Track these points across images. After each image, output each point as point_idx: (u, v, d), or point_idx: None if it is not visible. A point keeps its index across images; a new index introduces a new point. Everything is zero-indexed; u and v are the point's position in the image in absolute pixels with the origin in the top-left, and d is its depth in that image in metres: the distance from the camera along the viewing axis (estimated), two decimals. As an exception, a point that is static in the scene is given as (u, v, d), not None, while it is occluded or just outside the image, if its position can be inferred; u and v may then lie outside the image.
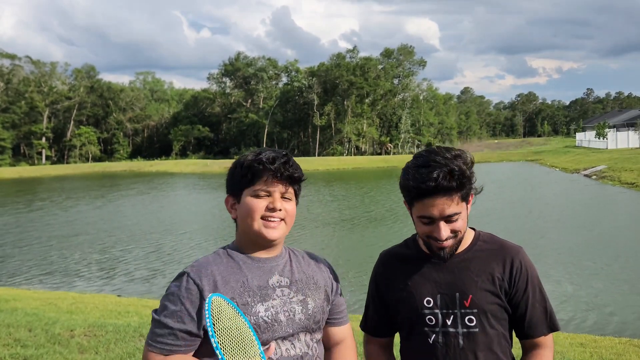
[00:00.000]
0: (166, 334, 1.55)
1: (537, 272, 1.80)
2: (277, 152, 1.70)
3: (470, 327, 1.73)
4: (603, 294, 9.48)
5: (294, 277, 1.70)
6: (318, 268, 1.79)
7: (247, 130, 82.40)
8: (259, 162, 1.65)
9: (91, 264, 13.60)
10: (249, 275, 1.64)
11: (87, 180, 47.57)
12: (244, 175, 1.66)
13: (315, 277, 1.75)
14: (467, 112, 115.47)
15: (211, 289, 1.57)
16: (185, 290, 1.57)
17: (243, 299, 1.59)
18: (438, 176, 1.61)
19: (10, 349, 5.02)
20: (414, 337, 1.80)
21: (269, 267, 1.68)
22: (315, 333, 1.71)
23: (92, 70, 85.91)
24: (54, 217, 22.89)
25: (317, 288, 1.73)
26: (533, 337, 1.76)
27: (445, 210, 1.65)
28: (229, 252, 1.70)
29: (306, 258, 1.80)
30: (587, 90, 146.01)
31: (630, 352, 5.36)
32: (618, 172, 30.09)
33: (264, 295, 1.62)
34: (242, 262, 1.66)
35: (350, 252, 14.00)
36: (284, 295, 1.65)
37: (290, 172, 1.68)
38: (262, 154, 1.68)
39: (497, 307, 1.73)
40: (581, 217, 18.09)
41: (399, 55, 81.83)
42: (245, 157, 1.70)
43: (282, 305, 1.63)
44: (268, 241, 1.67)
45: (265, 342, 1.58)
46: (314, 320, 1.69)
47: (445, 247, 1.71)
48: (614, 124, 63.78)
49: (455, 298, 1.74)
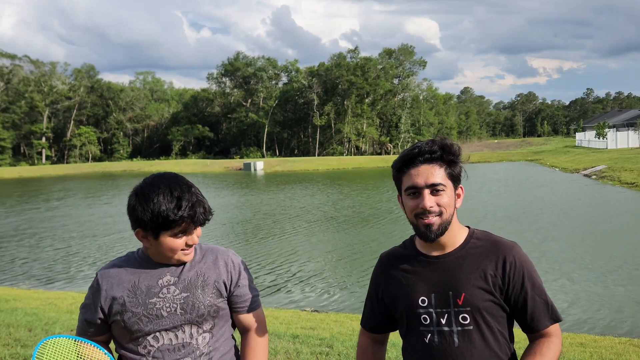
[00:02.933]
0: (80, 322, 1.94)
1: (533, 265, 1.80)
2: (192, 198, 1.81)
3: (464, 326, 1.73)
4: (603, 294, 9.48)
5: (182, 276, 1.89)
6: (214, 265, 1.95)
7: (247, 130, 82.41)
8: (181, 218, 1.78)
9: (92, 263, 13.60)
10: (142, 276, 1.88)
11: (87, 180, 47.58)
12: (163, 224, 1.78)
13: (206, 274, 1.92)
14: (467, 112, 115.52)
15: (107, 288, 1.87)
16: (93, 288, 1.91)
17: (130, 297, 1.85)
18: (421, 144, 1.76)
19: (10, 349, 5.02)
20: (411, 336, 1.82)
21: (164, 270, 1.90)
22: (203, 325, 1.89)
23: (92, 70, 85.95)
24: (55, 216, 22.90)
25: (205, 285, 1.90)
26: (538, 330, 1.76)
27: (430, 178, 1.72)
28: (137, 255, 1.94)
29: (206, 255, 1.96)
30: (587, 90, 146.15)
31: (630, 352, 5.36)
32: (618, 172, 30.08)
33: (150, 294, 1.85)
34: (142, 265, 1.91)
35: (351, 252, 14.00)
36: (169, 292, 1.86)
37: (207, 218, 1.86)
38: (182, 204, 1.78)
39: (492, 305, 1.73)
40: (581, 217, 18.09)
41: (400, 55, 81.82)
42: (163, 205, 1.77)
43: (164, 302, 1.85)
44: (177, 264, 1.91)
45: (148, 332, 1.84)
46: (197, 314, 1.87)
47: (431, 224, 1.73)
48: (613, 124, 63.81)
49: (449, 296, 1.74)
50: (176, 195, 1.78)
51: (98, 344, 1.88)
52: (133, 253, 1.97)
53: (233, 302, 1.97)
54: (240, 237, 16.70)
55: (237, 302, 1.98)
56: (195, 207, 1.80)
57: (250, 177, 47.28)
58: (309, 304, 9.59)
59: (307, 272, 11.91)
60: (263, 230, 17.60)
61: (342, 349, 5.12)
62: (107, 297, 1.85)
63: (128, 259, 1.95)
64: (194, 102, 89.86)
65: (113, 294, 1.85)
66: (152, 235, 1.82)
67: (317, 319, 7.42)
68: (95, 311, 1.88)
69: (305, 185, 35.43)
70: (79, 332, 1.93)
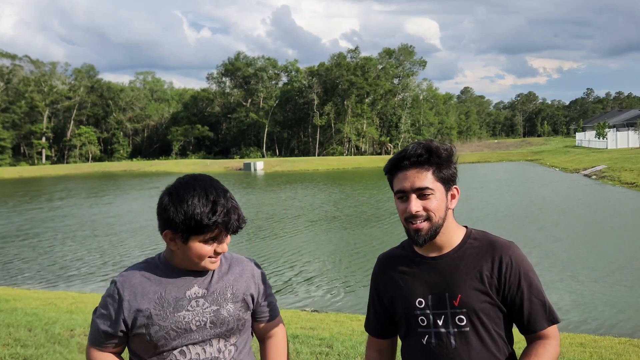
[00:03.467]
0: (96, 332, 1.79)
1: (531, 266, 1.77)
2: (227, 204, 1.73)
3: (461, 327, 1.72)
4: (603, 294, 9.48)
5: (211, 288, 1.81)
6: (241, 276, 1.88)
7: (247, 130, 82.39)
8: (214, 224, 1.70)
9: (91, 264, 13.60)
10: (168, 286, 1.78)
11: (88, 180, 47.58)
12: (195, 228, 1.70)
13: (235, 286, 1.85)
14: (467, 112, 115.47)
15: (131, 299, 1.75)
16: (111, 297, 1.77)
17: (157, 309, 1.74)
18: (408, 147, 1.76)
19: (10, 349, 5.02)
20: (409, 337, 1.82)
21: (190, 279, 1.81)
22: (230, 338, 1.84)
23: (92, 70, 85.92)
24: (55, 216, 22.90)
25: (234, 297, 1.84)
26: (535, 331, 1.75)
27: (416, 182, 1.72)
28: (159, 262, 1.83)
29: (232, 266, 1.90)
30: (587, 90, 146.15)
31: (630, 352, 5.36)
32: (618, 172, 30.08)
33: (178, 306, 1.76)
34: (167, 273, 1.80)
35: (350, 251, 14.01)
36: (198, 305, 1.78)
37: (241, 226, 1.77)
38: (217, 209, 1.70)
39: (489, 306, 1.72)
40: (582, 217, 18.09)
41: (399, 55, 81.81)
42: (197, 208, 1.69)
43: (194, 315, 1.77)
44: (208, 271, 1.83)
45: (175, 347, 1.76)
46: (227, 328, 1.81)
47: (420, 229, 1.72)
48: (613, 124, 63.81)
49: (445, 298, 1.74)
50: (212, 199, 1.71)
51: (113, 354, 1.81)
52: (153, 259, 1.86)
53: (257, 313, 1.93)
54: (242, 237, 16.69)
55: (261, 311, 1.94)
56: (230, 213, 1.72)
57: (250, 177, 47.27)
58: (309, 304, 9.59)
59: (309, 272, 11.91)
60: (265, 230, 17.60)
61: (341, 349, 5.12)
62: (131, 308, 1.74)
63: (149, 265, 1.83)
64: (194, 102, 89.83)
65: (138, 306, 1.74)
66: (181, 238, 1.73)
67: (317, 319, 7.43)
68: (116, 323, 1.75)
69: (306, 185, 35.43)
70: (93, 342, 1.82)
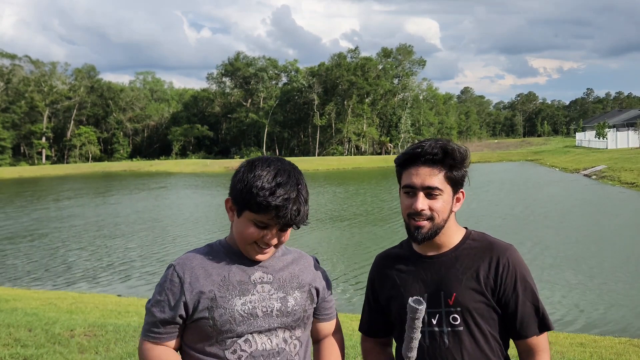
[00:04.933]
0: (152, 323, 1.68)
1: (528, 270, 1.76)
2: (291, 193, 1.62)
3: (454, 326, 1.71)
4: (603, 293, 9.47)
5: (277, 275, 1.73)
6: (306, 268, 1.81)
7: (248, 130, 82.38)
8: (267, 205, 1.59)
9: (91, 263, 13.59)
10: (232, 269, 1.70)
11: (89, 180, 47.56)
12: (247, 200, 1.62)
13: (300, 276, 1.78)
14: (467, 112, 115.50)
15: (193, 281, 1.66)
16: (170, 282, 1.67)
17: (221, 292, 1.65)
18: (425, 144, 1.72)
19: (10, 349, 5.01)
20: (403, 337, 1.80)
21: (254, 265, 1.72)
22: (295, 330, 1.73)
23: (92, 70, 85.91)
24: (55, 217, 22.90)
25: (300, 287, 1.76)
26: (526, 337, 1.72)
27: (427, 181, 1.70)
28: (220, 246, 1.76)
29: (296, 257, 1.83)
30: (587, 90, 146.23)
31: (630, 352, 5.36)
32: (618, 172, 30.08)
33: (243, 290, 1.67)
34: (229, 257, 1.72)
35: (350, 251, 14.01)
36: (264, 291, 1.69)
37: (296, 221, 1.65)
38: (277, 191, 1.60)
39: (484, 306, 1.71)
40: (582, 217, 18.10)
41: (398, 54, 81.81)
42: (260, 181, 1.60)
43: (260, 300, 1.67)
44: (254, 261, 1.72)
45: (240, 334, 1.65)
46: (293, 318, 1.71)
47: (421, 226, 1.71)
48: (613, 124, 63.78)
49: (440, 296, 1.73)
50: (278, 181, 1.61)
51: (169, 349, 1.69)
52: (215, 244, 1.79)
53: (319, 310, 1.84)
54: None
55: (324, 308, 1.85)
56: (289, 202, 1.61)
57: (250, 177, 47.13)
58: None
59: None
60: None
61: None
62: (193, 290, 1.64)
63: (209, 249, 1.75)
64: (194, 102, 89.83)
65: (200, 288, 1.64)
66: (237, 209, 1.67)
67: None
68: (176, 307, 1.64)
69: (308, 185, 35.35)
70: (148, 335, 1.68)
